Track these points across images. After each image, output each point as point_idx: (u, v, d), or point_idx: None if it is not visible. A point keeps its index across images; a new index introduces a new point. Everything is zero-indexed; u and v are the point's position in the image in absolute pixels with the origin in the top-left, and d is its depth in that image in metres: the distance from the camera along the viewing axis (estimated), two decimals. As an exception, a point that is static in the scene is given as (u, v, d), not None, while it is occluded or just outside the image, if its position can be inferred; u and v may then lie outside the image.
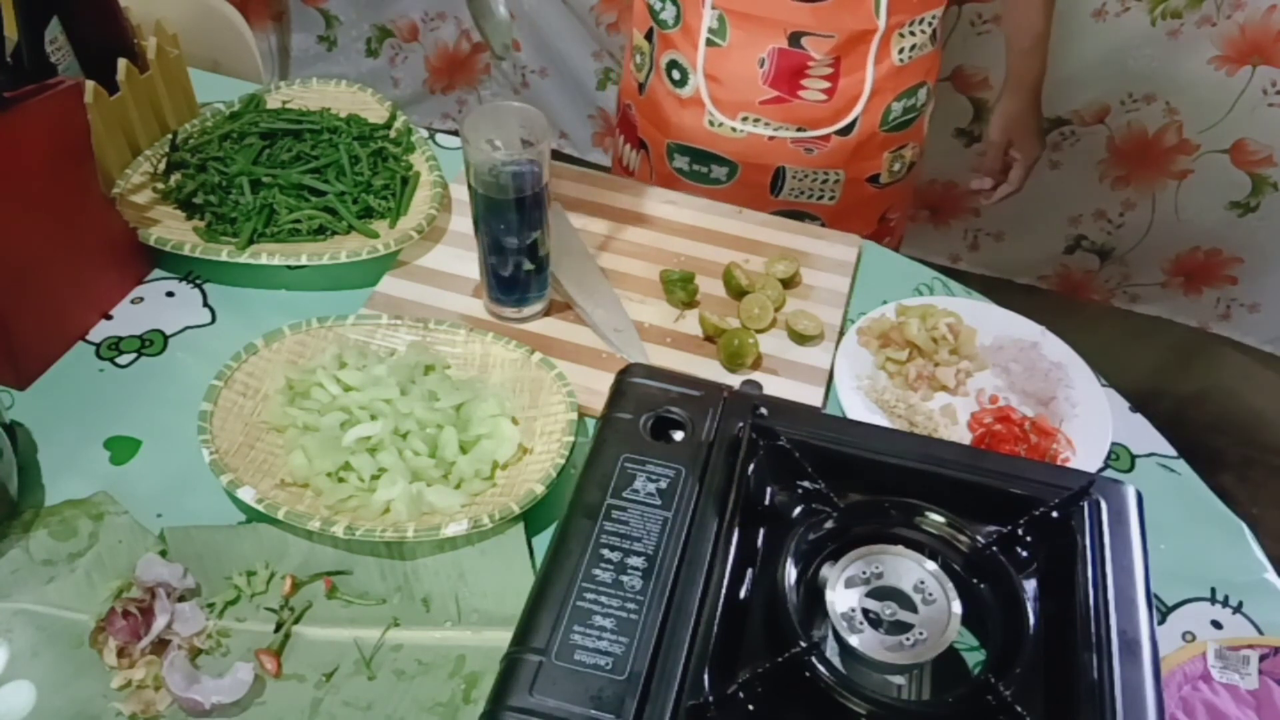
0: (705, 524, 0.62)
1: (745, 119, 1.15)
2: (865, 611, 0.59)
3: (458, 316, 0.93)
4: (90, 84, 0.91)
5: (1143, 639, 0.58)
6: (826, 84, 1.11)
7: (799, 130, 1.14)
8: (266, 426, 0.82)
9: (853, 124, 1.13)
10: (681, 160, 1.22)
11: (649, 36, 1.21)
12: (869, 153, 1.17)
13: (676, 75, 1.17)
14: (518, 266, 0.90)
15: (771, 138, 1.15)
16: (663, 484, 0.64)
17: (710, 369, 0.90)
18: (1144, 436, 0.88)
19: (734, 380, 0.74)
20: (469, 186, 0.86)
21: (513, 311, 0.93)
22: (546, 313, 0.94)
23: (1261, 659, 0.70)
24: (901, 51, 1.11)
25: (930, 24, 1.13)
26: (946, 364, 0.90)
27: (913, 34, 1.11)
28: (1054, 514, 0.64)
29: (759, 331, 0.93)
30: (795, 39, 1.08)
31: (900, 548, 0.62)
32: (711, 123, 1.16)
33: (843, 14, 1.07)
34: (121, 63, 0.97)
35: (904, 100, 1.15)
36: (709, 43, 1.12)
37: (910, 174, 1.25)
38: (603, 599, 0.58)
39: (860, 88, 1.12)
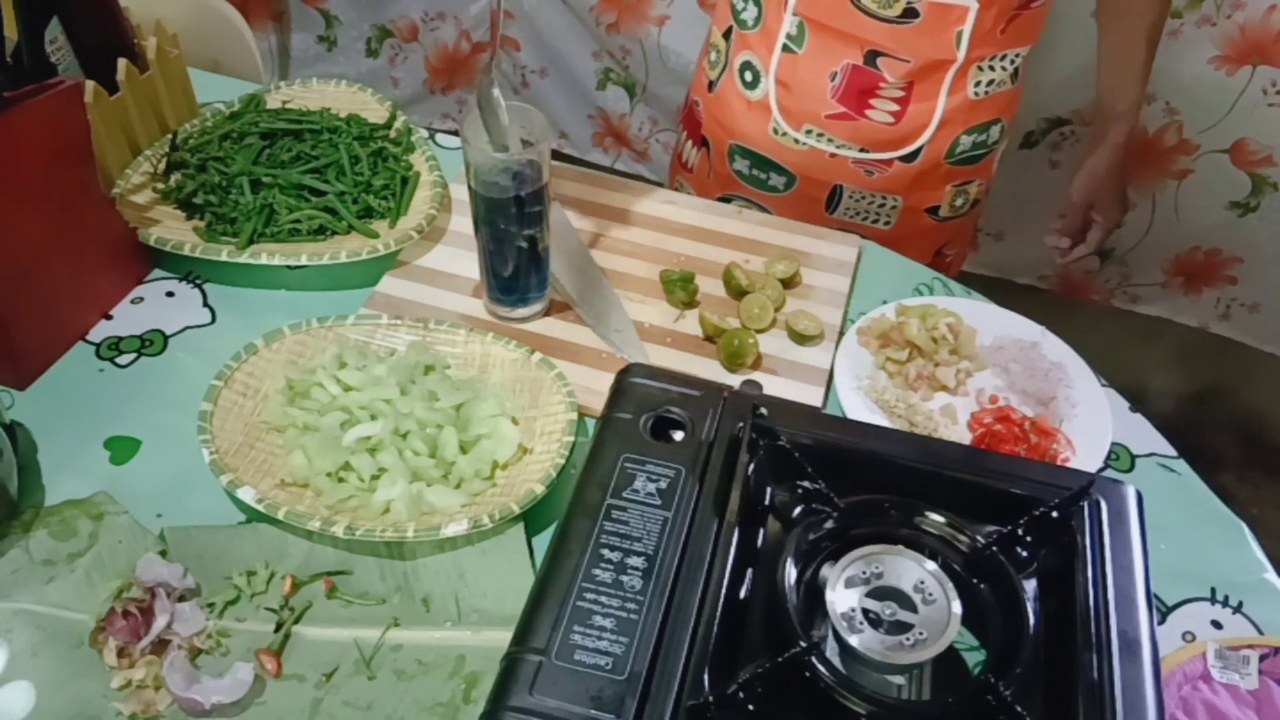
0: (705, 524, 0.62)
1: (809, 131, 1.13)
2: (865, 611, 0.59)
3: (458, 316, 0.93)
4: (90, 84, 0.91)
5: (1143, 639, 0.58)
6: (895, 107, 1.09)
7: (861, 151, 1.13)
8: (266, 426, 0.82)
9: (917, 152, 1.11)
10: (742, 163, 1.21)
11: (727, 35, 1.20)
12: (931, 183, 1.15)
13: (749, 77, 1.16)
14: (518, 266, 0.90)
15: (833, 155, 1.14)
16: (663, 484, 0.64)
17: (710, 369, 0.90)
18: (1144, 436, 0.88)
19: (734, 380, 0.74)
20: (469, 186, 0.86)
21: (512, 311, 0.93)
22: (547, 313, 0.94)
23: (1261, 659, 0.70)
24: (978, 85, 1.09)
25: (1014, 61, 1.10)
26: (946, 364, 0.90)
27: (993, 69, 1.08)
28: (1054, 514, 0.64)
29: (759, 331, 0.93)
30: (871, 58, 1.07)
31: (900, 548, 0.62)
32: (776, 130, 1.15)
33: (923, 40, 1.04)
34: (121, 63, 0.97)
35: (974, 135, 1.12)
36: (785, 48, 1.11)
37: (973, 210, 1.22)
38: (603, 599, 0.58)
39: (929, 116, 1.09)
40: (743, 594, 0.62)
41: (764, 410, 0.68)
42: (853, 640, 0.57)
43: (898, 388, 0.90)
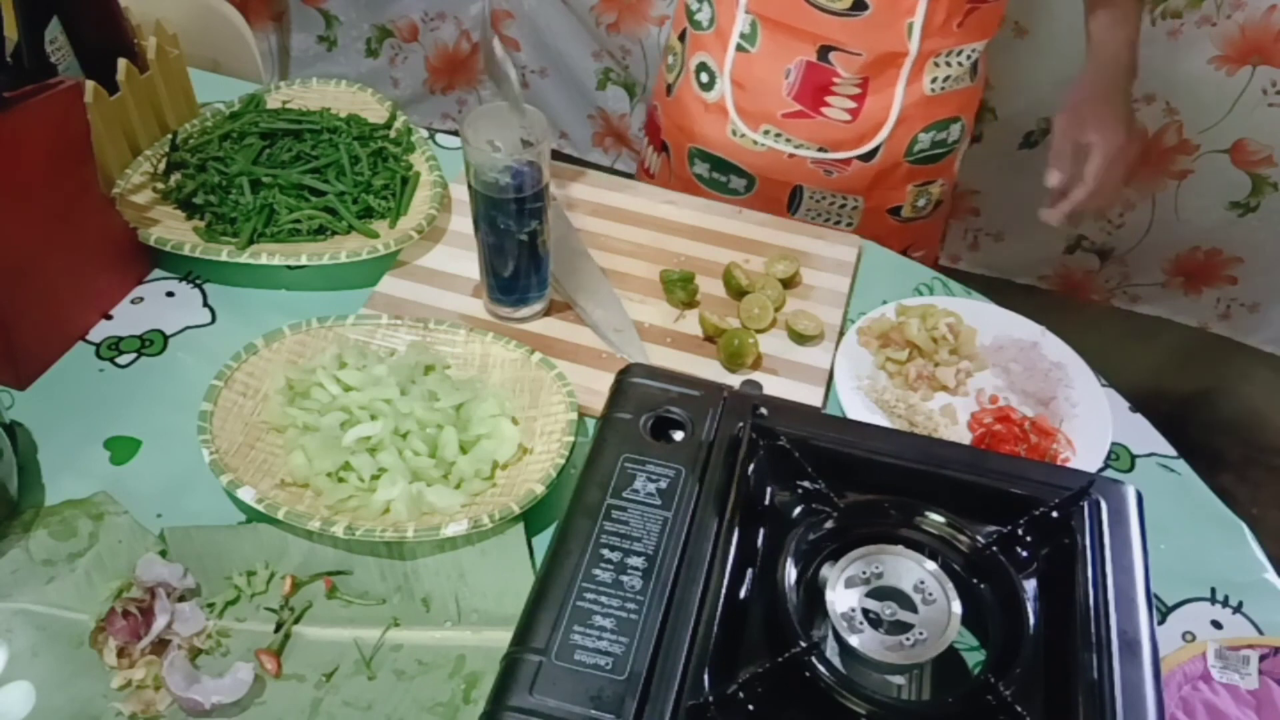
0: (705, 524, 0.62)
1: (767, 132, 1.13)
2: (865, 611, 0.59)
3: (458, 316, 0.93)
4: (90, 84, 0.91)
5: (1143, 639, 0.58)
6: (852, 104, 1.09)
7: (820, 150, 1.12)
8: (266, 426, 0.82)
9: (875, 150, 1.11)
10: (702, 166, 1.21)
11: (682, 37, 1.20)
12: (892, 183, 1.14)
13: (705, 78, 1.16)
14: (518, 267, 0.90)
15: (791, 155, 1.14)
16: (663, 484, 0.64)
17: (710, 369, 0.90)
18: (1144, 436, 0.88)
19: (734, 380, 0.74)
20: (469, 186, 0.86)
21: (512, 311, 0.93)
22: (546, 312, 0.94)
23: (1261, 659, 0.70)
24: (935, 81, 1.08)
25: (970, 56, 1.09)
26: (946, 364, 0.90)
27: (949, 64, 1.08)
28: (1054, 514, 0.64)
29: (759, 331, 0.93)
30: (824, 53, 1.06)
31: (900, 548, 0.62)
32: (734, 132, 1.15)
33: (874, 32, 1.04)
34: (121, 63, 0.97)
35: (934, 132, 1.11)
36: (739, 47, 1.11)
37: (937, 212, 1.21)
38: (603, 599, 0.58)
39: (886, 112, 1.09)
40: (743, 594, 0.62)
41: (764, 410, 0.68)
42: (853, 640, 0.57)
43: (898, 388, 0.90)
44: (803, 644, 0.56)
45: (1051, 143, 1.07)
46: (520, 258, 0.89)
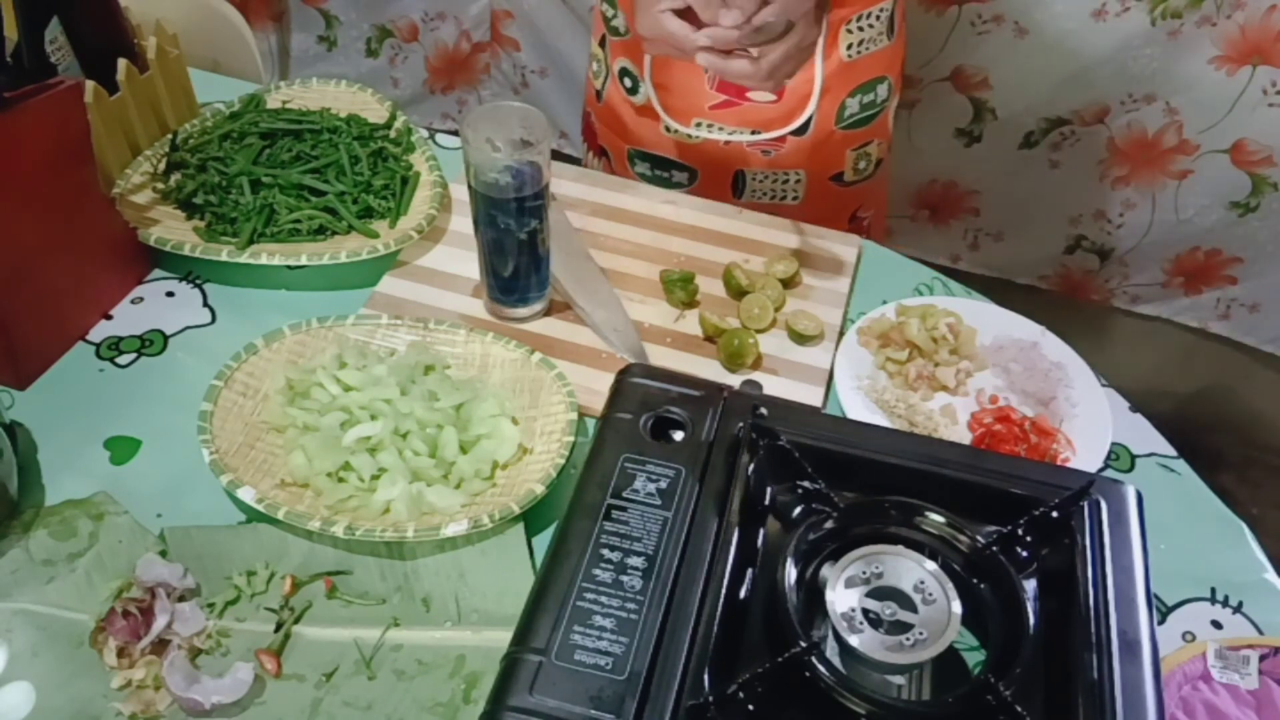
0: (705, 524, 0.62)
1: (699, 124, 1.13)
2: (865, 611, 0.59)
3: (458, 316, 0.93)
4: (90, 84, 0.91)
5: (1143, 639, 0.58)
6: None
7: (753, 133, 1.13)
8: (266, 426, 0.81)
9: (806, 124, 1.11)
10: (643, 166, 1.21)
11: (603, 44, 1.20)
12: (829, 151, 1.14)
13: (628, 83, 1.16)
14: (518, 266, 0.90)
15: (727, 142, 1.14)
16: (663, 484, 0.64)
17: (710, 369, 0.90)
18: (1144, 436, 0.88)
19: (734, 380, 0.74)
20: (469, 186, 0.86)
21: (513, 311, 0.93)
22: (547, 312, 0.94)
23: (1261, 659, 0.70)
24: (850, 47, 1.09)
25: (880, 16, 1.09)
26: (946, 364, 0.90)
27: (861, 29, 1.08)
28: (1054, 514, 0.64)
29: (759, 331, 0.93)
30: None
31: (900, 548, 0.62)
32: (667, 129, 1.15)
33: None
34: (121, 63, 0.97)
35: (860, 96, 1.12)
36: None
37: (879, 170, 1.22)
38: (603, 599, 0.58)
39: (809, 86, 1.09)
40: (743, 594, 0.62)
41: (764, 410, 0.68)
42: (853, 640, 0.57)
43: (898, 388, 0.90)
44: (803, 644, 0.56)
45: None
46: (520, 257, 0.89)
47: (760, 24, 0.81)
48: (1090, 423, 0.86)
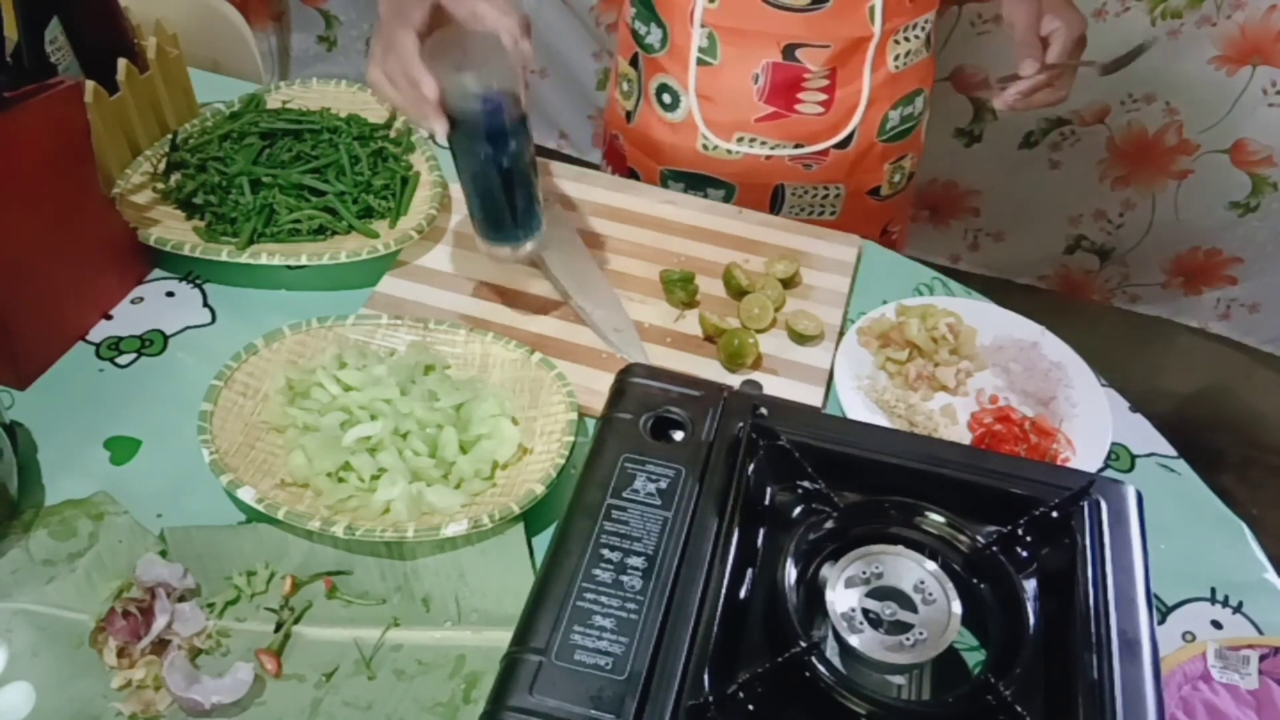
0: (705, 524, 0.62)
1: (740, 139, 1.13)
2: (865, 611, 0.59)
3: (458, 316, 0.93)
4: (90, 84, 0.91)
5: (1143, 639, 0.58)
6: (823, 95, 1.10)
7: (796, 146, 1.13)
8: (266, 426, 0.82)
9: (850, 136, 1.12)
10: (676, 186, 1.20)
11: (634, 63, 1.19)
12: (869, 165, 1.15)
13: (667, 99, 1.15)
14: (508, 199, 0.86)
15: (768, 157, 1.14)
16: (663, 484, 0.64)
17: (710, 369, 0.90)
18: (1144, 436, 0.88)
19: (734, 380, 0.74)
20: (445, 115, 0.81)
21: (506, 250, 0.89)
22: (544, 249, 0.91)
23: (1261, 659, 0.70)
24: (897, 58, 1.10)
25: (924, 29, 1.12)
26: (946, 364, 0.90)
27: (908, 39, 1.10)
28: (1054, 514, 0.64)
29: (759, 331, 0.93)
30: (789, 51, 1.07)
31: (900, 548, 0.62)
32: (705, 146, 1.15)
33: (837, 22, 1.05)
34: (121, 63, 0.97)
35: (901, 108, 1.13)
36: (700, 62, 1.10)
37: (910, 184, 1.23)
38: (603, 599, 0.58)
39: (857, 97, 1.10)
40: (743, 594, 0.62)
41: (764, 410, 0.68)
42: (853, 640, 0.57)
43: (898, 388, 0.90)
44: (803, 644, 0.56)
45: (1017, 35, 0.98)
46: (507, 188, 0.85)
47: (1055, 60, 0.94)
48: (1090, 423, 0.86)
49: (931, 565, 0.61)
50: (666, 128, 1.17)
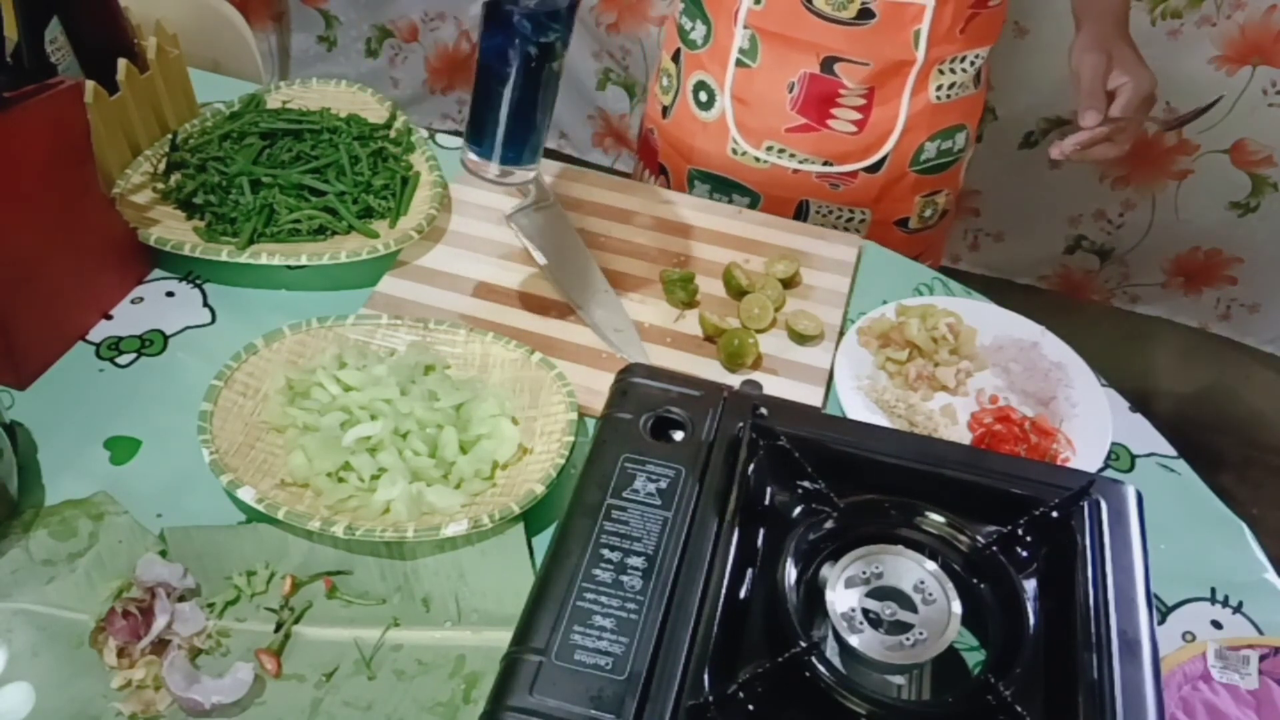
0: (705, 524, 0.62)
1: (770, 149, 1.12)
2: (865, 611, 0.59)
3: (458, 316, 0.93)
4: (90, 84, 0.91)
5: (1143, 639, 0.58)
6: (857, 115, 1.08)
7: (825, 164, 1.11)
8: (266, 426, 0.81)
9: (882, 161, 1.10)
10: (702, 188, 1.19)
11: (676, 58, 1.19)
12: (899, 194, 1.13)
13: (703, 97, 1.14)
14: (527, 109, 0.81)
15: (796, 170, 1.12)
16: (663, 484, 0.64)
17: (710, 369, 0.90)
18: (1144, 436, 0.88)
19: (734, 380, 0.74)
20: (482, 13, 0.78)
21: (505, 170, 0.84)
22: (537, 172, 0.88)
23: (1261, 659, 0.70)
24: (940, 89, 1.07)
25: (974, 63, 1.08)
26: (946, 364, 0.90)
27: (954, 71, 1.07)
28: (1054, 514, 0.64)
29: (759, 331, 0.93)
30: (828, 64, 1.05)
31: (900, 548, 0.62)
32: (735, 151, 1.14)
33: (880, 41, 1.03)
34: (121, 63, 0.97)
35: (939, 141, 1.10)
36: (739, 63, 1.09)
37: (942, 221, 1.20)
38: (603, 599, 0.58)
39: (893, 122, 1.08)
40: (743, 594, 0.62)
41: (764, 410, 0.68)
42: (853, 640, 0.57)
43: (898, 388, 0.90)
44: (803, 644, 0.56)
45: (1082, 85, 0.99)
46: (524, 96, 0.79)
47: (1119, 115, 0.94)
48: (1090, 423, 0.86)
49: (931, 565, 0.61)
50: (699, 126, 1.16)
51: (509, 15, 0.75)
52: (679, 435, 0.68)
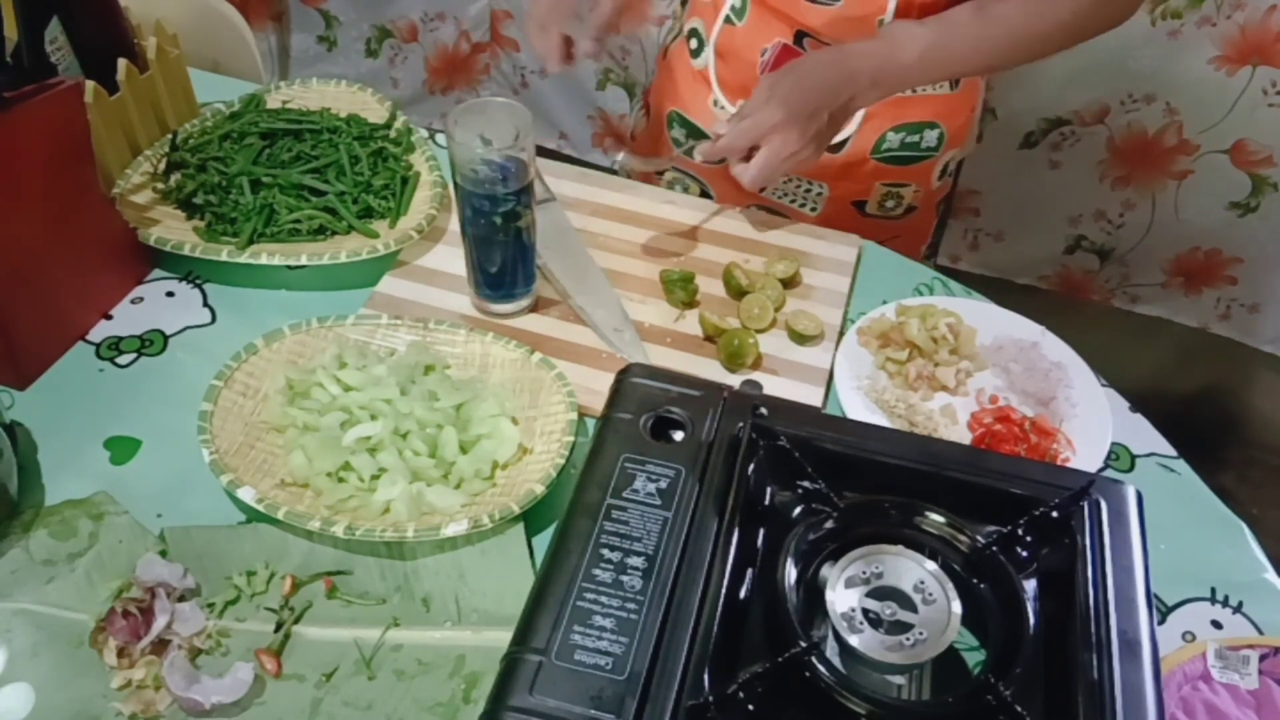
0: (705, 524, 0.62)
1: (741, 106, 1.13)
2: (865, 611, 0.59)
3: (458, 316, 0.93)
4: (90, 84, 0.91)
5: (1143, 639, 0.58)
6: None
7: None
8: (266, 426, 0.82)
9: (843, 143, 1.10)
10: (679, 131, 1.21)
11: (684, 1, 1.22)
12: (858, 176, 1.13)
13: (694, 44, 1.17)
14: (503, 262, 0.90)
15: None
16: (663, 484, 0.64)
17: (710, 369, 0.90)
18: (1144, 436, 0.88)
19: (734, 380, 0.74)
20: (454, 184, 0.87)
21: (499, 307, 0.94)
22: (533, 308, 0.95)
23: (1261, 659, 0.70)
24: None
25: None
26: (946, 364, 0.90)
27: None
28: (1054, 514, 0.64)
29: (759, 331, 0.93)
30: (799, 39, 1.06)
31: (900, 548, 0.62)
32: (715, 103, 1.15)
33: (845, 24, 1.02)
34: (121, 63, 0.97)
35: (904, 134, 1.09)
36: (727, 19, 1.11)
37: (909, 216, 1.18)
38: (603, 599, 0.58)
39: None
40: (743, 594, 0.62)
41: (764, 410, 0.68)
42: (853, 640, 0.57)
43: (898, 388, 0.90)
44: (803, 644, 0.56)
45: (747, 104, 0.93)
46: (505, 253, 0.89)
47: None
48: (1090, 423, 0.86)
49: (931, 565, 0.61)
50: (688, 71, 1.18)
51: (470, 194, 0.86)
52: (679, 435, 0.68)
